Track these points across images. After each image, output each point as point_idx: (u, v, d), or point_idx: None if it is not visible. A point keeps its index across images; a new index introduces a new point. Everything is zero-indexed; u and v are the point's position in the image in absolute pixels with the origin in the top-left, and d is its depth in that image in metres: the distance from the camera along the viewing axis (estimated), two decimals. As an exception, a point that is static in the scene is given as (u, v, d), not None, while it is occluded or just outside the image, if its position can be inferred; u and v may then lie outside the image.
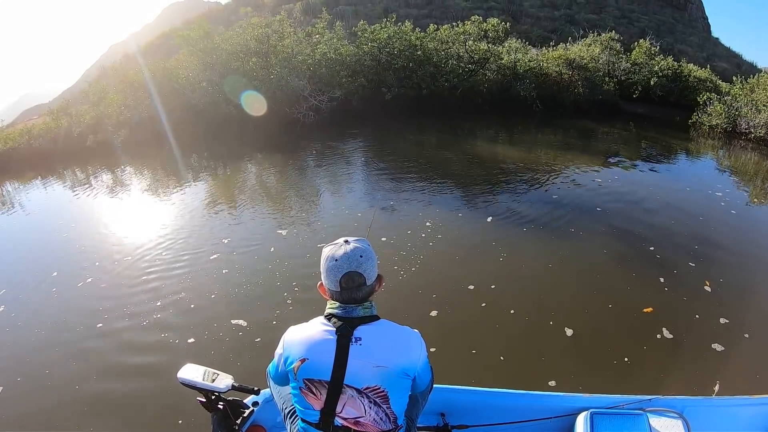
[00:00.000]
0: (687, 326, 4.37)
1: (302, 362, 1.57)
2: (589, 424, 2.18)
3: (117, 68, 18.47)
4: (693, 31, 66.82)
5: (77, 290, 5.47)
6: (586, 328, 4.34)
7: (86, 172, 11.86)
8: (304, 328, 1.64)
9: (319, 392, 1.58)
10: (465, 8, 53.75)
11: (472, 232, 6.71)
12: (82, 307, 5.08)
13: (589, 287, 5.17)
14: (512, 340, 4.24)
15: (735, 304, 4.78)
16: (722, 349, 4.02)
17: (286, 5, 45.14)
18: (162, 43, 38.03)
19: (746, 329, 4.31)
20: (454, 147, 12.50)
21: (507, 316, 4.57)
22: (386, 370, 1.55)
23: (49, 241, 7.17)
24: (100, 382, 3.90)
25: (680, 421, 2.16)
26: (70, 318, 4.87)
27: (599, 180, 9.31)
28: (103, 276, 5.74)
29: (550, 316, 4.53)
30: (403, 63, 17.44)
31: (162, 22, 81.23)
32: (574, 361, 3.94)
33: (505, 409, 2.35)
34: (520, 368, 3.89)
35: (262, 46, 15.21)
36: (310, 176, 10.24)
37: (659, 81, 19.50)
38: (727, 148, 14.05)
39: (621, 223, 6.93)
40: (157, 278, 5.60)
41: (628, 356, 3.94)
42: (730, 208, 7.92)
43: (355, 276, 1.58)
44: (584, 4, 62.73)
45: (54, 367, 4.11)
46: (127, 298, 5.17)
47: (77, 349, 4.35)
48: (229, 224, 7.24)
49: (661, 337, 4.19)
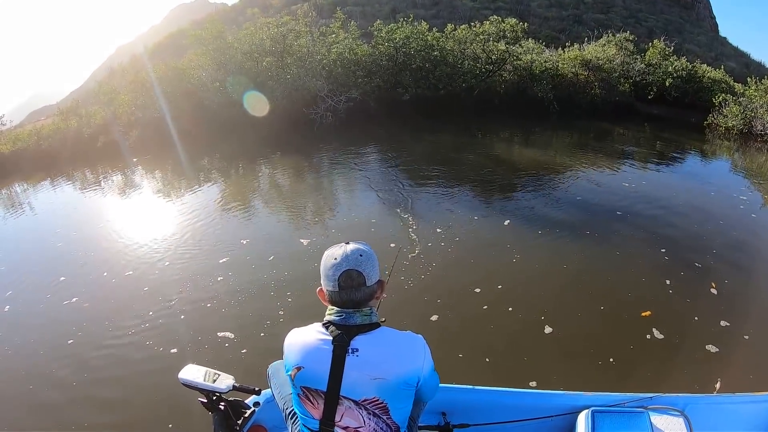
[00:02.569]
0: (684, 328, 4.42)
1: (298, 370, 1.54)
2: (591, 423, 2.15)
3: (125, 69, 18.42)
4: (701, 30, 66.59)
5: (74, 296, 5.36)
6: (575, 328, 4.42)
7: (96, 173, 11.75)
8: (302, 333, 1.60)
9: (317, 401, 1.54)
10: (473, 8, 53.82)
11: (487, 234, 6.65)
12: (78, 313, 5.00)
13: (590, 288, 5.19)
14: (518, 342, 4.28)
15: (739, 307, 4.76)
16: (717, 350, 4.04)
17: (293, 6, 45.08)
18: (169, 43, 38.08)
19: (746, 331, 4.32)
20: (472, 149, 12.29)
21: (515, 319, 4.59)
22: (384, 381, 1.50)
23: (48, 248, 7.03)
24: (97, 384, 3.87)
25: (682, 419, 2.13)
26: (51, 325, 4.83)
27: (617, 182, 9.24)
28: (101, 283, 5.63)
29: (553, 318, 4.54)
30: (420, 63, 17.25)
31: (169, 23, 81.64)
32: (574, 362, 4.00)
33: (506, 408, 2.34)
34: (520, 369, 3.91)
35: (278, 46, 14.99)
36: (324, 181, 10.01)
37: (674, 82, 19.26)
38: (744, 149, 13.86)
39: (636, 226, 6.87)
40: (153, 282, 5.51)
41: (619, 356, 3.99)
42: (750, 212, 7.83)
43: (353, 274, 1.53)
44: (592, 4, 62.71)
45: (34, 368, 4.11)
46: (122, 310, 4.99)
47: (63, 354, 4.31)
48: (238, 230, 7.04)
49: (651, 337, 4.23)
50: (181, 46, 27.11)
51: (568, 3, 61.18)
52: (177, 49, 27.64)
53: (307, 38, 15.66)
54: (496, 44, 17.55)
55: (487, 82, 17.75)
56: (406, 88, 16.95)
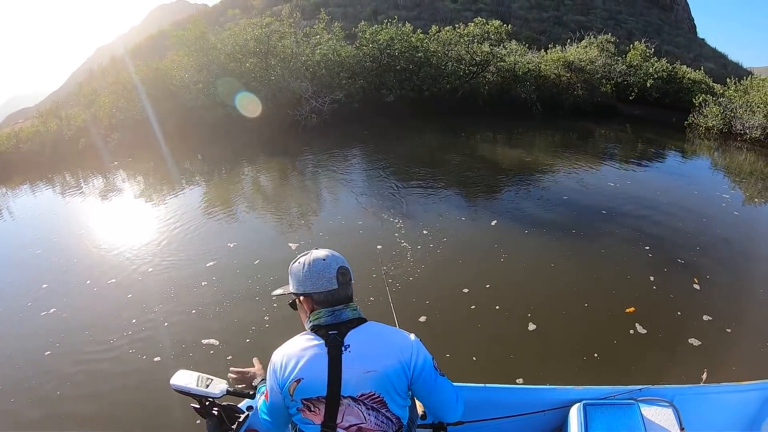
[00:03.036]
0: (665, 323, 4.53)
1: (297, 383, 1.51)
2: (583, 416, 2.18)
3: (105, 70, 18.08)
4: (679, 32, 67.74)
5: (52, 306, 5.19)
6: (560, 325, 4.50)
7: (77, 176, 11.48)
8: (290, 347, 1.57)
9: (318, 408, 1.53)
10: (454, 10, 53.97)
11: (475, 235, 6.71)
12: (60, 322, 4.86)
13: (575, 286, 5.25)
14: (512, 341, 4.33)
15: (721, 301, 4.92)
16: (699, 344, 4.15)
17: (275, 7, 44.84)
18: (150, 44, 37.60)
19: (729, 324, 4.46)
20: (456, 149, 12.35)
21: (502, 317, 4.65)
22: (376, 374, 1.50)
23: (28, 255, 6.80)
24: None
25: (671, 410, 2.18)
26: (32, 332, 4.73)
27: (603, 182, 9.43)
28: (82, 291, 5.48)
29: (539, 316, 4.60)
30: (404, 65, 17.28)
31: (149, 24, 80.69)
32: (559, 358, 4.07)
33: (499, 404, 2.35)
34: (507, 367, 3.98)
35: (262, 47, 14.86)
36: (309, 184, 9.91)
37: (655, 83, 19.55)
38: (724, 149, 14.24)
39: (621, 224, 7.05)
40: (132, 289, 5.40)
41: (603, 352, 4.07)
42: (732, 209, 8.13)
43: (345, 271, 1.60)
44: (572, 6, 63.36)
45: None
46: (105, 318, 4.88)
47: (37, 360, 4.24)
48: (223, 234, 6.92)
49: (634, 332, 4.34)
50: (161, 48, 26.82)
51: (548, 5, 61.72)
52: (157, 50, 27.31)
53: (292, 39, 15.52)
54: (480, 46, 17.66)
55: (471, 83, 17.84)
56: (391, 89, 16.94)
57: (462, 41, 17.83)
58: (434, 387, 1.63)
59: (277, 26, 15.36)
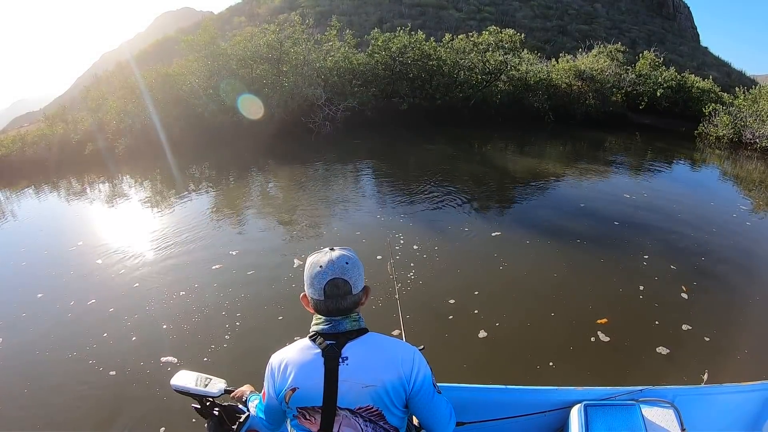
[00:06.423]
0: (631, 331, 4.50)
1: (293, 391, 1.50)
2: (584, 417, 2.18)
3: (111, 75, 17.99)
4: (683, 40, 67.94)
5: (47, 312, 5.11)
6: (550, 334, 4.46)
7: (82, 181, 11.33)
8: (289, 353, 1.55)
9: (314, 417, 1.52)
10: (459, 19, 54.15)
11: (478, 245, 6.58)
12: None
13: (566, 296, 5.17)
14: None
15: (704, 311, 4.89)
16: (667, 352, 4.11)
17: (280, 15, 44.96)
18: (156, 51, 37.66)
19: (708, 333, 4.44)
20: (468, 159, 12.20)
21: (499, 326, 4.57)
22: (375, 388, 1.48)
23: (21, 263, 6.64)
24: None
25: (672, 410, 2.18)
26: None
27: (611, 191, 9.45)
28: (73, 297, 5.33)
29: (538, 324, 4.62)
30: (417, 73, 17.21)
31: (154, 30, 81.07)
32: (545, 365, 4.01)
33: (499, 405, 2.35)
34: (498, 374, 3.96)
35: (274, 52, 14.75)
36: (318, 192, 9.51)
37: (665, 92, 19.52)
38: (734, 158, 14.29)
39: (625, 234, 6.95)
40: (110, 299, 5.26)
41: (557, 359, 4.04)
42: (745, 220, 8.04)
43: (340, 283, 1.50)
44: (576, 15, 63.56)
45: None
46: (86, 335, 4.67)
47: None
48: (226, 244, 6.72)
49: (596, 340, 4.32)
50: (167, 54, 26.77)
51: (552, 14, 61.94)
52: (163, 56, 27.27)
53: (304, 45, 15.43)
54: (493, 54, 17.61)
55: (483, 92, 17.77)
56: (403, 97, 16.85)
57: (476, 50, 17.75)
58: (429, 404, 1.59)
59: (290, 32, 15.29)
